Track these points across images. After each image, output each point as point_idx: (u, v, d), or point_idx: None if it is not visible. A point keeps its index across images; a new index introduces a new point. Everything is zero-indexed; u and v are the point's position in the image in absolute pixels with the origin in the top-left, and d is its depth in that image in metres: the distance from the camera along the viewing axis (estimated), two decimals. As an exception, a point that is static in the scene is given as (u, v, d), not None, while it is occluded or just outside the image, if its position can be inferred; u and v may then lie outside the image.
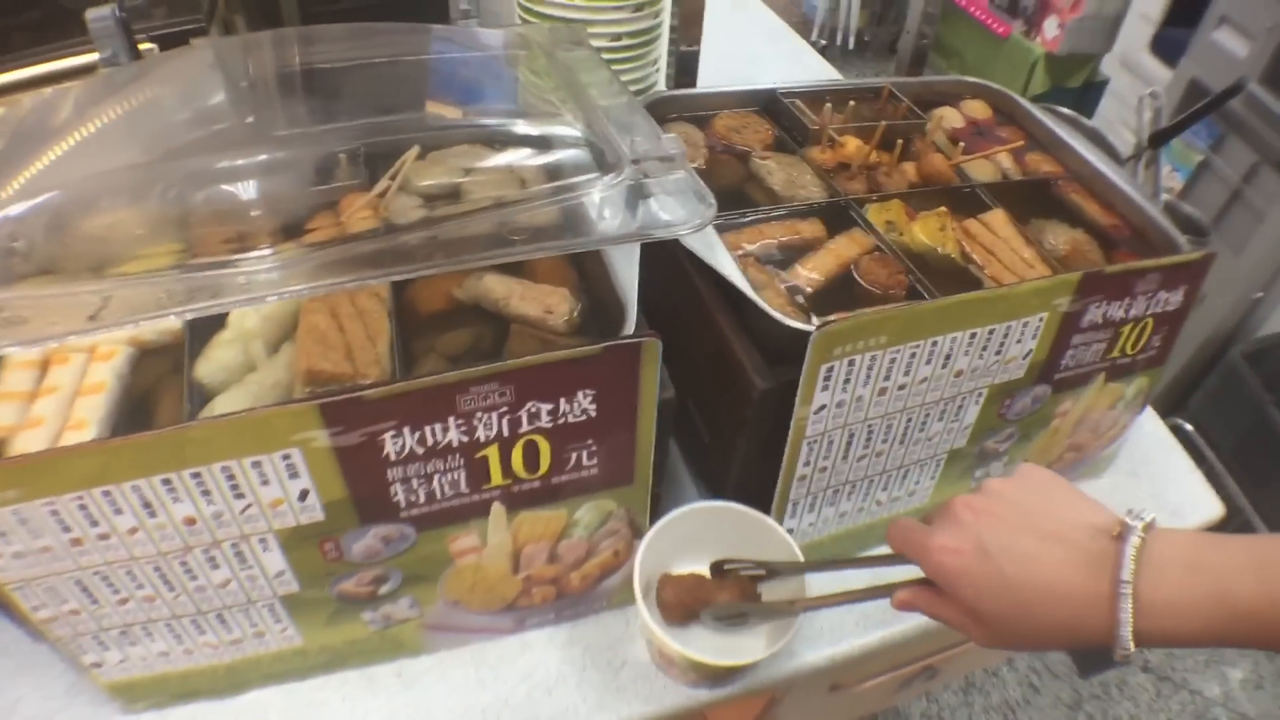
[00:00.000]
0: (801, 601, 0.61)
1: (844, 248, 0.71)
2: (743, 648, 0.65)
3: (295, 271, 0.48)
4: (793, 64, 1.62)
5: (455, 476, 0.53)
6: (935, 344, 0.61)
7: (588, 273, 0.67)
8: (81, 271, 0.54)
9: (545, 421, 0.52)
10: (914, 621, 0.73)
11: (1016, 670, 1.75)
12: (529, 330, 0.61)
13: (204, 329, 0.60)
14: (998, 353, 0.65)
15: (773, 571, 0.64)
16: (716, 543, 0.67)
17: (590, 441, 0.55)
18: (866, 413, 0.63)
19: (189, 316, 0.57)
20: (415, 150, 0.63)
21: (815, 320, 0.63)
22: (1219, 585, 0.41)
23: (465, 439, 0.51)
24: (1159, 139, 1.02)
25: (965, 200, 0.82)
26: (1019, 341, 0.65)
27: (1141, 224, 0.83)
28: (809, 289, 0.69)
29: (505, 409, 0.50)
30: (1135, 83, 2.38)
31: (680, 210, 0.52)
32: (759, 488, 0.67)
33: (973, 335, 0.62)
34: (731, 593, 0.64)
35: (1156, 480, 0.91)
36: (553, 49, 0.73)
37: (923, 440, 0.69)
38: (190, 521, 0.50)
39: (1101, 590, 0.43)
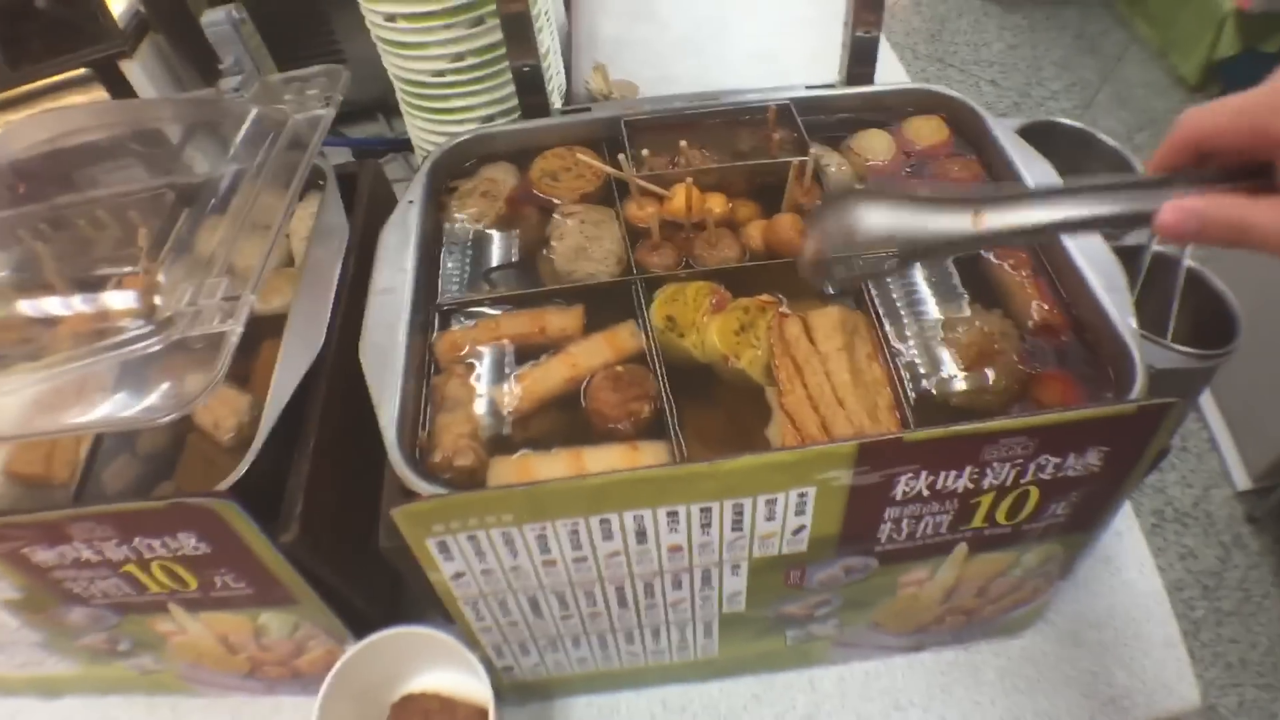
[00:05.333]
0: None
1: (586, 355, 0.54)
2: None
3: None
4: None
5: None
6: (605, 521, 0.46)
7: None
8: None
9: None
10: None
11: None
12: (198, 441, 0.57)
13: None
14: (735, 529, 0.48)
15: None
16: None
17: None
18: (541, 579, 0.50)
19: None
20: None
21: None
22: None
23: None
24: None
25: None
26: (770, 520, 0.47)
27: (1094, 324, 0.58)
28: (516, 413, 0.54)
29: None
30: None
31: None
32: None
33: (671, 513, 0.46)
34: None
35: (1107, 651, 0.67)
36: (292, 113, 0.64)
37: (659, 605, 0.54)
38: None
39: None
